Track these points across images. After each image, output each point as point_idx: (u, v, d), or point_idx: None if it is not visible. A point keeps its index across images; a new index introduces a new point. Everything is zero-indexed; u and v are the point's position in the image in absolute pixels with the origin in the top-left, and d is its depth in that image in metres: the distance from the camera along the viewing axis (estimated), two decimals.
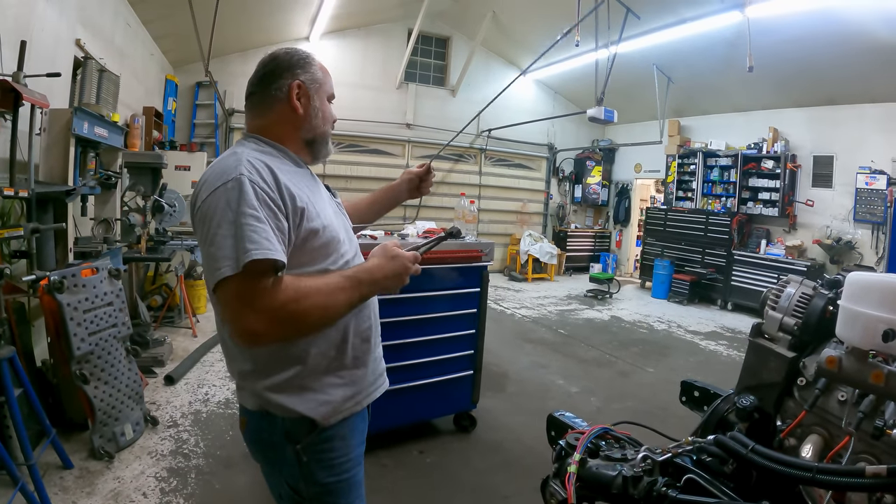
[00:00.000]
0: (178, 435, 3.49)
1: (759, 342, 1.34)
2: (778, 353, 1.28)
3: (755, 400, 1.23)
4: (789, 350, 1.27)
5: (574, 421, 1.48)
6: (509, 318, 7.53)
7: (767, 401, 1.26)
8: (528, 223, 12.12)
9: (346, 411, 1.31)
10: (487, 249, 3.64)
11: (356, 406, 1.34)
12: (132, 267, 5.51)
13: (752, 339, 1.36)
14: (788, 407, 1.25)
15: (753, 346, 1.35)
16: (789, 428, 1.20)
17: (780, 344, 1.30)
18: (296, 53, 1.37)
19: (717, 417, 1.32)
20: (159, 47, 7.32)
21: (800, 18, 6.48)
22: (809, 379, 1.21)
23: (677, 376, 5.00)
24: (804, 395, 1.21)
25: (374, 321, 1.43)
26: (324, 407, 1.26)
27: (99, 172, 3.76)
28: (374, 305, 1.43)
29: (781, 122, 9.01)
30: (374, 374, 1.41)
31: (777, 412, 1.27)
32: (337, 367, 1.30)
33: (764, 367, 1.30)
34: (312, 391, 1.26)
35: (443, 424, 3.81)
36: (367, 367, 1.38)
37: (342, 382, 1.31)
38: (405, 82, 10.63)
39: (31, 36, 3.18)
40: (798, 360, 1.25)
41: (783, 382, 1.25)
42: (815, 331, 1.27)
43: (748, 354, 1.36)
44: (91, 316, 3.14)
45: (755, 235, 9.25)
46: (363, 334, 1.36)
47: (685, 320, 8.01)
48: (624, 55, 7.80)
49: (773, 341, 1.32)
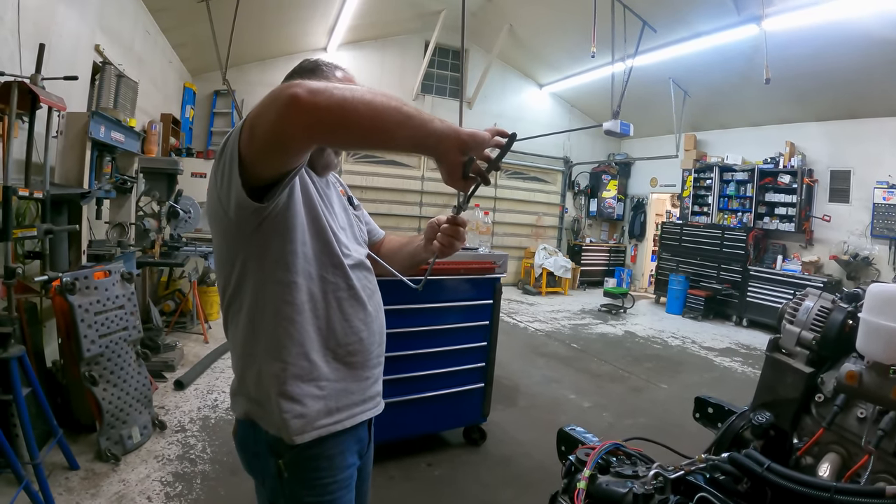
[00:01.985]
0: (185, 440, 3.48)
1: (776, 357, 1.30)
2: (795, 368, 1.23)
3: (771, 417, 1.19)
4: (807, 365, 1.23)
5: (585, 436, 1.44)
6: (522, 332, 7.47)
7: (784, 418, 1.22)
8: (543, 237, 12.11)
9: (322, 429, 1.21)
10: (501, 261, 3.62)
11: (336, 425, 1.23)
12: (146, 271, 5.56)
13: (768, 354, 1.31)
14: (806, 424, 1.20)
15: (770, 360, 1.30)
16: (806, 446, 1.16)
17: (798, 359, 1.25)
18: (322, 61, 1.36)
19: (731, 434, 1.27)
20: (178, 55, 7.45)
21: (817, 31, 6.43)
22: (828, 395, 1.16)
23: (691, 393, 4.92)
24: (822, 411, 1.17)
25: (370, 337, 1.33)
26: (297, 420, 1.18)
27: (115, 176, 3.80)
28: (371, 320, 1.34)
29: (798, 137, 8.93)
30: (360, 394, 1.31)
31: (794, 429, 1.22)
32: (318, 377, 1.22)
33: (781, 382, 1.25)
34: (292, 399, 1.18)
35: (452, 437, 3.76)
36: (349, 384, 1.28)
37: (321, 395, 1.21)
38: (422, 94, 10.71)
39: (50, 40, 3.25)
40: (816, 375, 1.21)
41: (800, 399, 1.20)
42: (834, 345, 1.22)
43: (764, 369, 1.31)
44: (102, 318, 3.15)
45: (771, 251, 9.13)
46: (351, 346, 1.28)
47: (700, 336, 7.89)
48: (640, 69, 7.80)
49: (791, 356, 1.28)
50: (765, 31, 6.54)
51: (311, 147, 1.04)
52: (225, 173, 1.06)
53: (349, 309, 1.28)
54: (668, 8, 7.23)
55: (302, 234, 1.19)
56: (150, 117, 6.08)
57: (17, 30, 2.88)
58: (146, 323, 4.91)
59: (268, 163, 1.02)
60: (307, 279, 1.21)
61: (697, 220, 10.38)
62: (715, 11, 6.94)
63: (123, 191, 4.21)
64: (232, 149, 1.02)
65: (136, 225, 4.56)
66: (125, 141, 3.76)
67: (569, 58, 9.84)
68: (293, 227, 1.17)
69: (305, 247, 1.20)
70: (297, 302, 1.19)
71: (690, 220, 10.50)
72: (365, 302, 1.32)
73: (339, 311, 1.26)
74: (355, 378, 1.30)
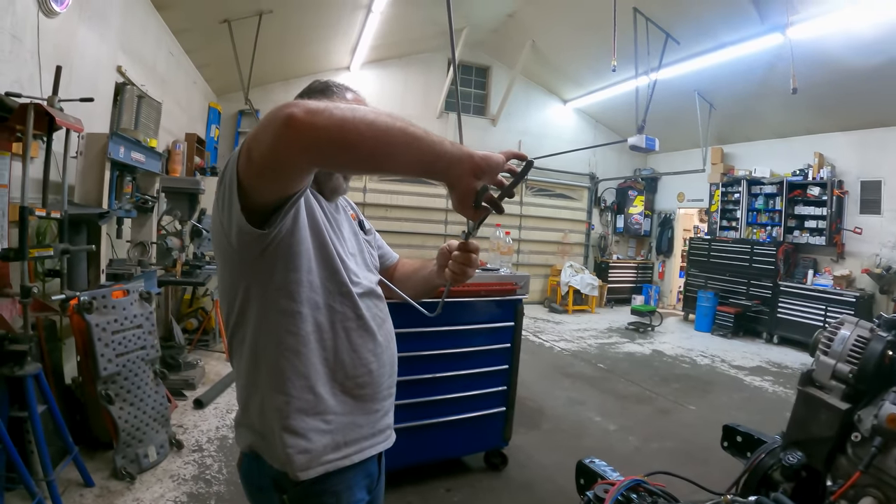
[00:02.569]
0: (201, 460, 3.46)
1: (810, 391, 1.20)
2: (830, 404, 1.13)
3: (803, 457, 1.09)
4: (843, 401, 1.13)
5: (604, 470, 1.37)
6: (548, 351, 7.34)
7: (817, 457, 1.12)
8: (570, 254, 11.96)
9: (329, 464, 1.16)
10: (522, 282, 3.53)
11: (343, 460, 1.18)
12: (169, 290, 5.63)
13: (801, 389, 1.21)
14: (841, 465, 1.10)
15: (803, 395, 1.20)
16: (842, 490, 1.06)
17: (833, 394, 1.15)
18: (333, 82, 1.33)
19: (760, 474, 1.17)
20: (202, 76, 7.60)
21: (842, 38, 6.24)
22: (865, 434, 1.06)
23: (720, 414, 4.79)
24: (859, 452, 1.06)
25: (380, 368, 1.28)
26: (303, 455, 1.13)
27: (135, 196, 3.85)
28: (382, 351, 1.29)
29: (827, 147, 8.70)
30: (369, 427, 1.26)
31: (828, 470, 1.12)
32: (324, 410, 1.17)
33: (814, 419, 1.15)
34: (296, 434, 1.13)
35: (473, 461, 3.67)
36: (357, 417, 1.23)
37: (327, 429, 1.17)
38: (445, 112, 10.69)
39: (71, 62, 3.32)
40: (853, 412, 1.11)
41: (835, 438, 1.10)
42: (873, 379, 1.12)
43: (797, 405, 1.21)
44: (119, 337, 3.17)
45: (802, 265, 8.86)
46: (360, 378, 1.23)
47: (729, 354, 7.65)
48: (664, 82, 7.70)
49: (825, 390, 1.18)
50: (790, 40, 6.38)
51: (311, 170, 0.98)
52: (225, 199, 1.02)
53: (358, 339, 1.23)
54: (691, 19, 7.13)
55: (307, 261, 1.15)
56: (174, 137, 6.20)
57: (38, 51, 2.95)
58: (169, 341, 4.96)
59: (267, 187, 0.97)
60: (313, 308, 1.16)
61: (726, 235, 10.13)
62: (738, 21, 6.81)
63: (145, 210, 4.26)
64: (231, 173, 0.98)
65: (158, 244, 4.61)
66: (146, 161, 3.81)
67: (592, 72, 9.77)
68: (298, 255, 1.12)
69: (311, 275, 1.15)
70: (301, 332, 1.14)
71: (719, 235, 10.25)
72: (375, 332, 1.27)
73: (347, 342, 1.21)
74: (364, 411, 1.24)
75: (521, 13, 8.85)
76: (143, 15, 4.96)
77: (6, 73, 2.71)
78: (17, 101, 2.38)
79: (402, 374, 1.53)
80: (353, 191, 9.88)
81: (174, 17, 5.54)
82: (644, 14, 7.00)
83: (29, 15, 2.95)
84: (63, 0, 3.09)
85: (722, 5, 6.70)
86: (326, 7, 7.03)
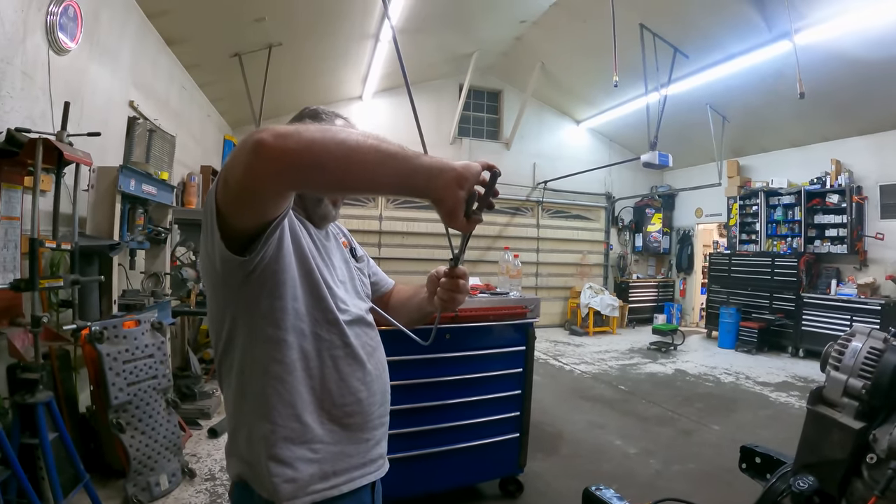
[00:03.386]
0: (213, 489, 3.43)
1: (820, 410, 1.12)
2: (842, 423, 1.06)
3: (815, 482, 1.02)
4: (856, 419, 1.05)
5: (611, 500, 1.33)
6: (567, 375, 7.21)
7: (830, 481, 1.05)
8: (589, 275, 11.85)
9: (316, 494, 1.13)
10: (532, 305, 3.48)
11: (332, 490, 1.15)
12: (185, 320, 5.66)
13: (810, 408, 1.14)
14: (856, 489, 1.03)
15: (812, 415, 1.13)
16: None
17: (845, 412, 1.08)
18: (322, 109, 1.35)
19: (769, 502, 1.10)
20: (217, 109, 7.77)
21: (852, 41, 6.17)
22: (881, 455, 0.99)
23: (745, 433, 4.63)
24: (875, 475, 0.99)
25: (370, 397, 1.25)
26: (289, 485, 1.11)
27: (147, 228, 3.90)
28: (372, 380, 1.26)
29: (843, 153, 8.56)
30: (359, 457, 1.23)
31: (842, 495, 1.04)
32: (311, 439, 1.15)
33: (826, 440, 1.08)
34: (282, 463, 1.11)
35: (488, 489, 3.57)
36: (346, 447, 1.20)
37: (315, 458, 1.14)
38: (459, 137, 10.76)
39: (82, 98, 3.42)
40: (867, 431, 1.03)
41: (849, 459, 1.03)
42: (889, 394, 1.05)
43: (806, 426, 1.14)
44: (131, 367, 3.19)
45: (824, 276, 8.64)
46: (347, 407, 1.20)
47: (754, 371, 7.44)
48: (675, 97, 7.68)
49: (837, 409, 1.10)
50: (796, 46, 6.32)
51: (287, 193, 0.98)
52: (207, 226, 1.02)
53: (346, 368, 1.21)
54: (699, 32, 7.12)
55: (293, 288, 1.14)
56: (189, 169, 6.32)
57: (49, 88, 3.06)
58: (185, 370, 4.97)
59: (244, 213, 0.97)
60: (299, 336, 1.15)
61: (746, 249, 9.96)
62: (745, 31, 6.79)
63: (158, 241, 4.33)
64: (210, 201, 0.99)
65: (172, 275, 4.66)
66: (157, 193, 3.88)
67: (603, 91, 9.76)
68: (282, 282, 1.12)
69: (297, 302, 1.14)
70: (286, 360, 1.13)
71: (739, 249, 10.08)
72: (364, 360, 1.25)
73: (334, 371, 1.19)
74: (353, 440, 1.22)
75: (528, 36, 8.94)
76: (154, 51, 5.11)
77: (18, 109, 2.80)
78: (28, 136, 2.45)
79: (411, 401, 1.50)
80: (369, 219, 9.99)
81: (185, 52, 5.70)
82: (651, 29, 7.01)
83: (39, 53, 3.06)
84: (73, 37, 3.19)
85: (728, 16, 6.69)
86: (334, 38, 7.17)
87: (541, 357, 8.01)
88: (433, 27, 7.65)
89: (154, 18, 4.83)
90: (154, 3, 4.64)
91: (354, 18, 6.81)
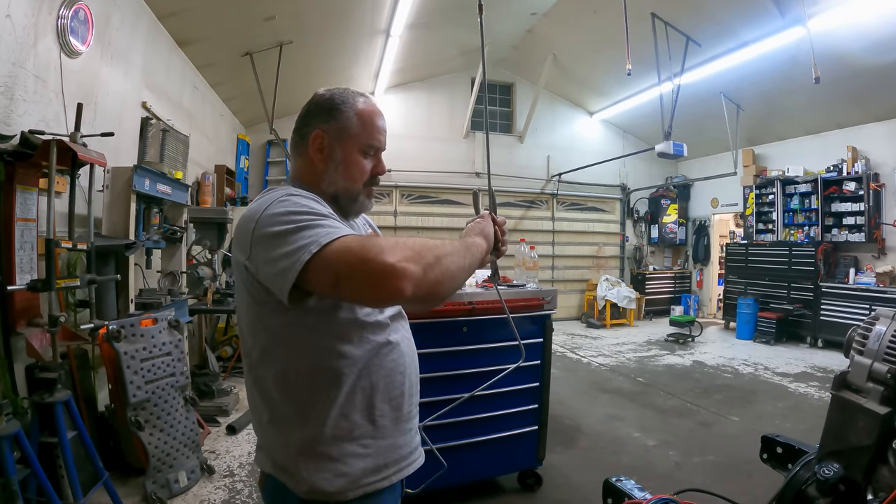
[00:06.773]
0: (232, 485, 3.45)
1: (844, 396, 1.09)
2: (867, 409, 1.03)
3: (840, 469, 1.00)
4: (882, 404, 1.02)
5: (632, 490, 1.31)
6: (585, 368, 7.17)
7: (856, 468, 1.02)
8: (605, 267, 11.76)
9: (367, 486, 1.15)
10: (549, 297, 3.43)
11: (382, 482, 1.17)
12: (203, 318, 5.72)
13: (834, 393, 1.11)
14: (882, 476, 1.00)
15: (837, 401, 1.10)
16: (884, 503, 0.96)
17: (871, 397, 1.05)
18: (336, 96, 1.28)
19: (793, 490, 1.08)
20: (230, 108, 7.82)
21: (867, 25, 6.03)
22: None
23: (764, 424, 4.56)
24: None
25: (410, 388, 1.27)
26: (340, 479, 1.11)
27: (163, 227, 3.93)
28: (410, 370, 1.28)
29: (859, 140, 8.40)
30: (407, 447, 1.25)
31: (868, 482, 1.01)
32: (361, 435, 1.15)
33: (850, 427, 1.05)
34: (330, 459, 1.12)
35: (506, 482, 3.56)
36: (397, 439, 1.22)
37: (365, 453, 1.16)
38: (472, 131, 10.71)
39: (95, 99, 3.46)
40: (893, 415, 1.00)
41: (875, 445, 1.00)
42: None
43: (831, 412, 1.12)
44: (148, 365, 3.22)
45: (842, 264, 8.49)
46: (394, 401, 1.21)
47: (773, 361, 7.34)
48: (689, 86, 7.57)
49: (862, 394, 1.07)
50: (810, 31, 6.18)
51: None
52: (271, 271, 1.04)
53: (390, 365, 1.22)
54: (711, 20, 7.00)
55: None
56: (203, 169, 6.37)
57: (61, 91, 3.09)
58: (203, 368, 5.03)
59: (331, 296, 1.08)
60: (346, 342, 1.15)
61: (763, 239, 9.82)
62: (758, 17, 6.66)
63: (173, 240, 4.36)
64: (295, 263, 0.98)
65: (189, 273, 4.70)
66: (172, 192, 3.91)
67: (616, 82, 9.65)
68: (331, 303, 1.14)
69: (342, 308, 1.15)
70: (334, 367, 1.14)
71: (755, 239, 9.95)
72: (404, 352, 1.27)
73: (381, 368, 1.20)
74: (401, 431, 1.24)
75: (539, 28, 8.87)
76: (165, 52, 5.14)
77: (32, 112, 2.84)
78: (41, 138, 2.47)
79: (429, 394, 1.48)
80: (384, 214, 9.99)
81: (197, 52, 5.73)
82: (662, 18, 6.91)
83: (51, 56, 3.09)
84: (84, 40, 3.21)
85: (740, 3, 6.58)
86: (344, 34, 7.16)
87: (558, 350, 7.99)
88: (444, 21, 7.61)
89: (165, 19, 4.86)
90: (165, 5, 4.67)
91: (364, 14, 6.80)
